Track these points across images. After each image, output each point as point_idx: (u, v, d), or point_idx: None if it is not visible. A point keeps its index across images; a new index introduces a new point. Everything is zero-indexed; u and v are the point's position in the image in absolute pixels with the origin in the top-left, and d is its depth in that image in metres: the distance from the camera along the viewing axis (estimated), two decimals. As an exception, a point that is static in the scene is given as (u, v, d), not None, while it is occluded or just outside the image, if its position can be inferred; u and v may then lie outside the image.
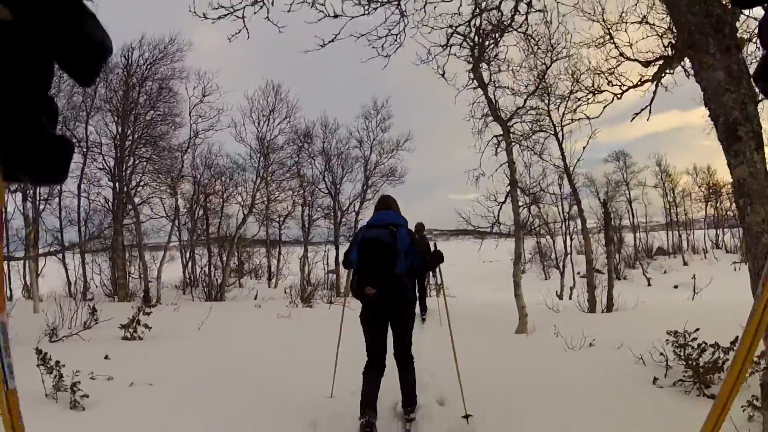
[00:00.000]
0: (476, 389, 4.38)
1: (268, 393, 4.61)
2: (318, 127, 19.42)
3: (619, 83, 8.16)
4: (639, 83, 7.67)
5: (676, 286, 23.86)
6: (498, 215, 8.91)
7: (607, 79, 8.25)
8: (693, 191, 33.85)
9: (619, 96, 8.14)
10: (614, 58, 8.33)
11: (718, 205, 33.43)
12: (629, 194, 31.58)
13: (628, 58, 7.96)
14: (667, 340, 4.75)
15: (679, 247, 33.42)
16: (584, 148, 11.73)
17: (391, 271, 3.84)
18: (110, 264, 15.83)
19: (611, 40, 8.32)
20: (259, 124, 16.73)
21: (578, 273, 22.20)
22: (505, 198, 8.43)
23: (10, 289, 15.79)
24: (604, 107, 8.42)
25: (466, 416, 4.05)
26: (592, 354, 5.97)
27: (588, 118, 9.03)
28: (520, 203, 8.25)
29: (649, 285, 24.14)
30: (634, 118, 7.41)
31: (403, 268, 3.88)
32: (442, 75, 7.79)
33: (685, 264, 29.78)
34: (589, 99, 8.69)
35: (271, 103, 16.91)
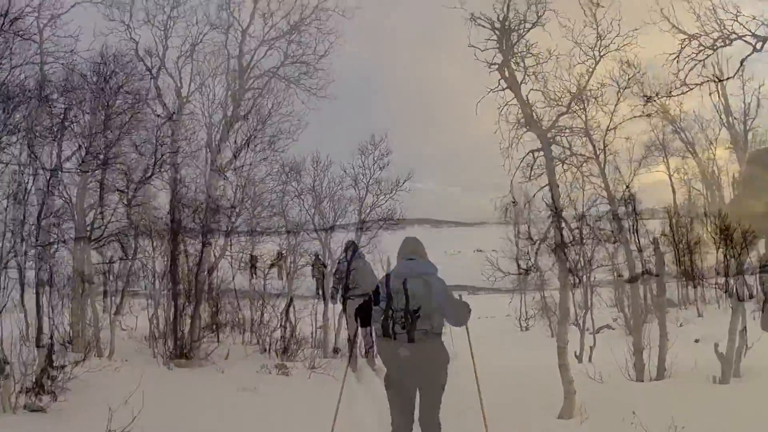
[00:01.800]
0: None
1: None
2: (308, 162, 17.46)
3: (749, 31, 5.87)
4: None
5: (697, 340, 22.17)
6: (536, 256, 6.67)
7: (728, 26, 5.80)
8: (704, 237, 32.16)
9: (759, 47, 5.96)
10: None
11: (728, 251, 31.72)
12: (638, 243, 29.62)
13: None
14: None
15: (687, 298, 31.66)
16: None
17: (428, 328, 3.49)
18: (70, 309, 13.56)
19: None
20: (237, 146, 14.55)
21: (587, 330, 20.14)
22: (545, 234, 6.42)
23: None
24: (742, 61, 6.18)
25: None
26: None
27: (716, 80, 6.59)
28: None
29: (667, 339, 22.25)
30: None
31: (439, 324, 3.59)
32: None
33: (700, 315, 28.06)
34: (707, 55, 6.12)
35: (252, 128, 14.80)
